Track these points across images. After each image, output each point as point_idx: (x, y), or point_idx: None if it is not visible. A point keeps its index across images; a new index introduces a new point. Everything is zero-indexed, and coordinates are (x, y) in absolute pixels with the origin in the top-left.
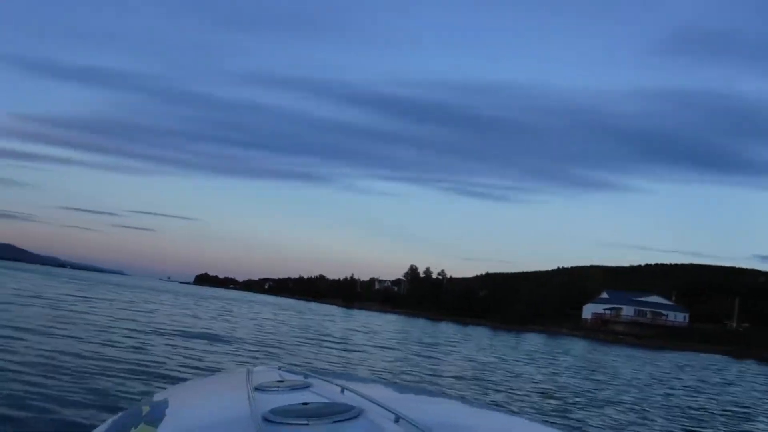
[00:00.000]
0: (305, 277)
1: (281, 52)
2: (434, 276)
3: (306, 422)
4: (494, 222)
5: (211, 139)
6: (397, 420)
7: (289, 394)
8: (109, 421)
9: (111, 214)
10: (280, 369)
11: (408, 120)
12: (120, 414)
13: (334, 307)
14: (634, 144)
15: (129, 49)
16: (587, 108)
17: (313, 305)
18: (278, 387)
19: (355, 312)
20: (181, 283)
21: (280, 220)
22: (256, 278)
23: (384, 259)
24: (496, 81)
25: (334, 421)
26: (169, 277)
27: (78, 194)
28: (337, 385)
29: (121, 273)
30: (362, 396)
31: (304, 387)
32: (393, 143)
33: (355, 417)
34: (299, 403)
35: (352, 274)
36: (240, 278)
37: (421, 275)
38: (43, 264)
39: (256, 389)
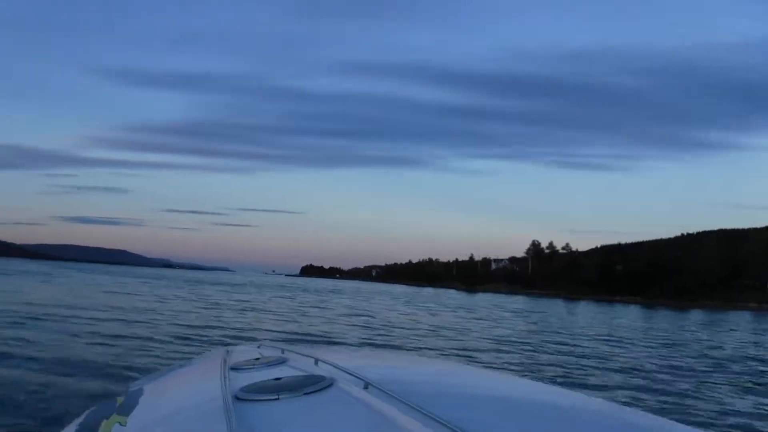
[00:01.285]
0: (414, 261)
1: (369, 37)
2: (559, 251)
3: (277, 397)
4: (600, 192)
5: (306, 132)
6: (366, 387)
7: (264, 370)
8: (83, 414)
9: (215, 213)
10: (259, 347)
11: (503, 95)
12: (94, 407)
13: (453, 291)
14: (751, 99)
15: (219, 51)
16: (693, 65)
17: (429, 290)
18: (254, 365)
19: (481, 296)
20: (286, 275)
21: (380, 207)
22: (362, 266)
23: (490, 237)
24: (593, 47)
25: (305, 393)
26: (273, 271)
27: (182, 197)
28: (311, 357)
29: (226, 270)
30: (335, 367)
31: (280, 362)
32: (489, 120)
33: (326, 388)
34: (272, 379)
35: (472, 255)
36: (345, 267)
37: (545, 251)
38: (154, 266)
39: (232, 368)
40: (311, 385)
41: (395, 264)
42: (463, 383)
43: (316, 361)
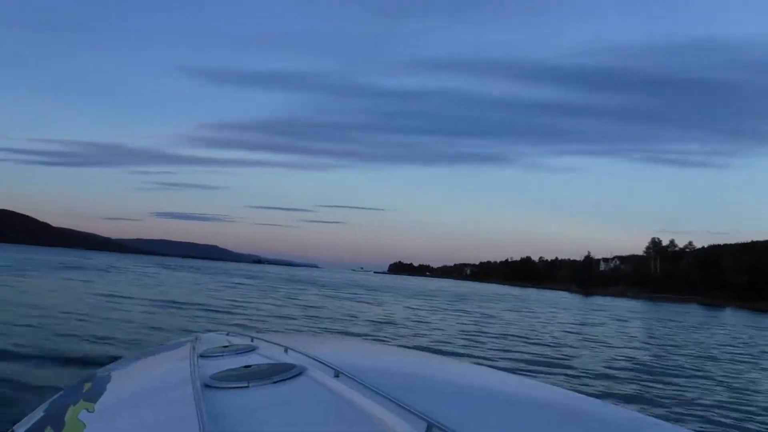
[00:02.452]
0: (506, 260)
1: (454, 34)
2: (677, 249)
3: (246, 385)
4: (695, 190)
5: (389, 129)
6: (337, 375)
7: (233, 357)
8: (49, 400)
9: (302, 210)
10: (228, 334)
11: (591, 90)
12: (60, 392)
13: (565, 293)
14: None
15: (305, 50)
16: None
17: (533, 292)
18: (223, 352)
19: (612, 302)
20: (375, 273)
21: (466, 204)
22: (451, 264)
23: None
24: (683, 40)
25: (275, 382)
26: (361, 268)
27: (270, 193)
28: (281, 345)
29: (314, 266)
30: (305, 355)
31: (249, 350)
32: (576, 116)
33: (296, 376)
34: (241, 366)
35: (589, 253)
36: (434, 265)
37: (669, 249)
38: (243, 261)
39: (201, 356)
40: (281, 372)
41: (488, 262)
42: (434, 373)
43: (286, 349)
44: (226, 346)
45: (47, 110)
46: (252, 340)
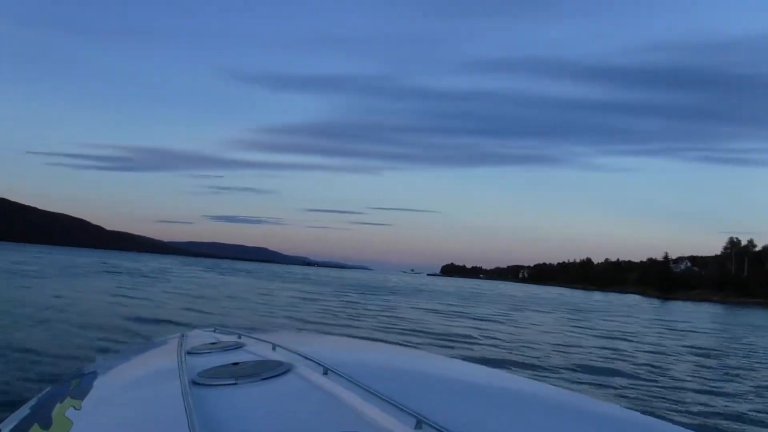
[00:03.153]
0: (568, 261)
1: (502, 33)
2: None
3: (235, 382)
4: (758, 189)
5: (439, 131)
6: (325, 372)
7: (220, 355)
8: (35, 397)
9: (351, 212)
10: (215, 331)
11: (645, 88)
12: (47, 389)
13: (637, 297)
14: None
15: (353, 53)
16: None
17: (599, 296)
18: (210, 349)
19: (692, 306)
20: (428, 275)
21: (519, 206)
22: (504, 266)
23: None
24: (746, 35)
25: (263, 379)
26: (412, 270)
27: (319, 196)
28: (269, 342)
29: (365, 268)
30: (293, 352)
31: (237, 347)
32: (631, 115)
33: (285, 373)
34: (230, 364)
35: (666, 253)
36: (486, 266)
37: (750, 250)
38: (292, 264)
39: (188, 353)
40: (269, 370)
41: (544, 264)
42: (424, 370)
43: (274, 346)
44: (214, 344)
45: (102, 116)
46: (239, 338)
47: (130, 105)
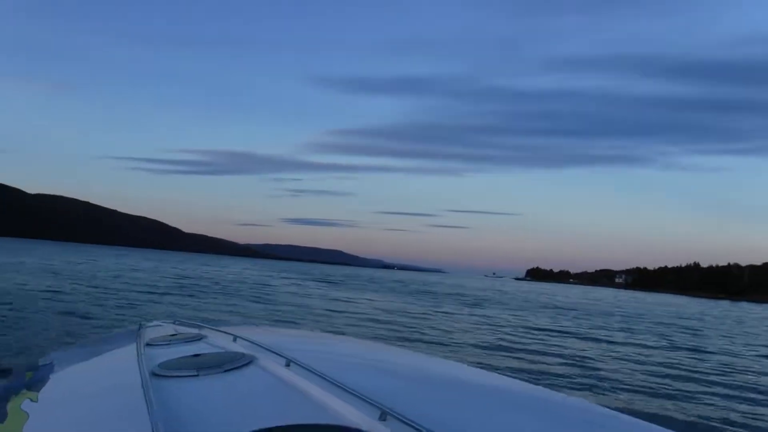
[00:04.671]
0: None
1: (587, 32)
2: None
3: (196, 373)
4: None
5: (519, 132)
6: (288, 364)
7: (180, 347)
8: None
9: (427, 215)
10: (174, 323)
11: (742, 84)
12: (1, 382)
13: None
14: None
15: (432, 55)
16: None
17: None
18: (170, 341)
19: None
20: (516, 279)
21: (602, 207)
22: (592, 270)
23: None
24: None
25: (225, 370)
26: (494, 273)
27: (395, 198)
28: (230, 334)
29: (439, 271)
30: (255, 344)
31: (197, 339)
32: (725, 112)
33: (246, 364)
34: (190, 355)
35: None
36: (574, 270)
37: None
38: (367, 267)
39: (147, 345)
40: (231, 361)
41: (644, 269)
42: (388, 363)
43: (235, 338)
44: (174, 335)
45: (182, 121)
46: (200, 329)
47: (210, 110)
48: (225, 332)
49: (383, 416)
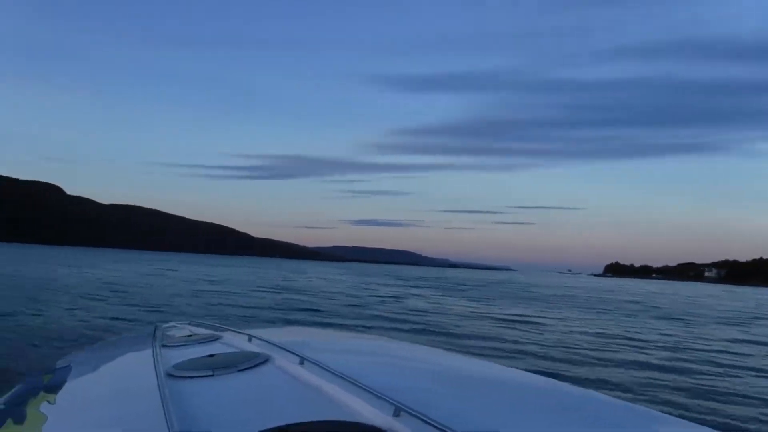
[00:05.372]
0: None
1: (646, 18)
2: None
3: (211, 373)
4: None
5: (583, 124)
6: (302, 362)
7: (196, 347)
8: (8, 393)
9: (491, 212)
10: (189, 324)
11: None
12: (19, 384)
13: None
14: None
15: (487, 49)
16: None
17: None
18: (186, 342)
19: None
20: (595, 275)
21: (672, 198)
22: (673, 263)
23: None
24: None
25: (240, 370)
26: (569, 270)
27: (459, 197)
28: (244, 334)
29: (507, 269)
30: (269, 343)
31: (213, 339)
32: None
33: (261, 364)
34: (206, 356)
35: None
36: (653, 264)
37: None
38: (434, 266)
39: (163, 346)
40: (246, 361)
41: (726, 261)
42: (402, 359)
43: (250, 338)
44: (189, 336)
45: (243, 127)
46: (215, 330)
47: (270, 114)
48: (240, 332)
49: (397, 412)
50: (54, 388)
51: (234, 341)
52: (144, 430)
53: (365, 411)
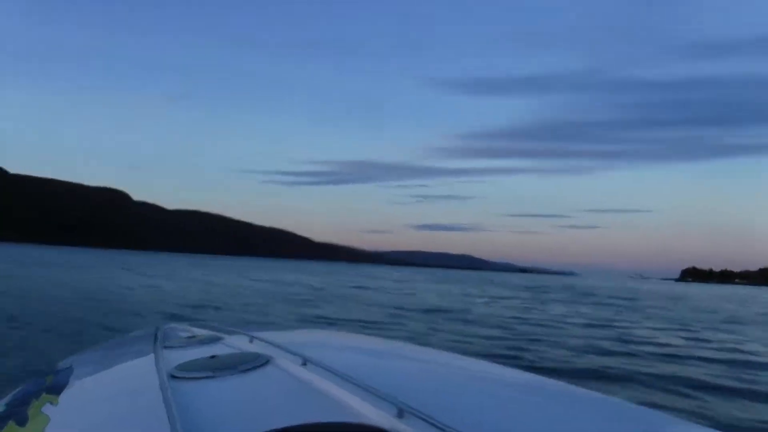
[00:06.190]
0: None
1: (721, 12)
2: None
3: (213, 374)
4: None
5: (652, 124)
6: (304, 363)
7: (198, 348)
8: (10, 394)
9: (557, 216)
10: (190, 325)
11: None
12: (22, 385)
13: None
14: None
15: (557, 49)
16: None
17: None
18: (187, 343)
19: None
20: (668, 280)
21: (750, 201)
22: (755, 268)
23: None
24: None
25: (241, 371)
26: (640, 275)
27: (523, 200)
28: (246, 335)
29: (571, 273)
30: (271, 344)
31: (214, 340)
32: None
33: (263, 365)
34: (207, 357)
35: None
36: (733, 268)
37: None
38: (498, 270)
39: (165, 347)
40: (248, 362)
41: None
42: (405, 360)
43: (251, 338)
44: (191, 337)
45: (309, 133)
46: (216, 331)
47: (335, 121)
48: (241, 333)
49: (401, 413)
50: (56, 389)
51: (235, 342)
52: (147, 431)
53: (368, 412)
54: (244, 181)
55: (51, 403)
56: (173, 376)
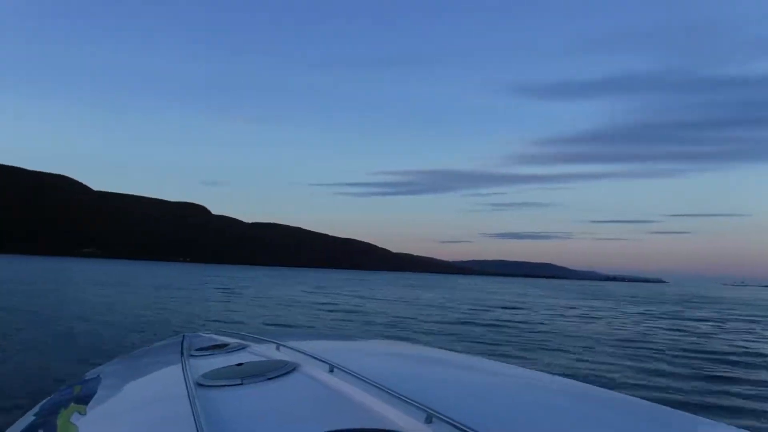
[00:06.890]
0: None
1: None
2: None
3: (240, 382)
4: None
5: (744, 123)
6: (331, 370)
7: (224, 356)
8: (39, 404)
9: (642, 221)
10: (217, 333)
11: None
12: (50, 396)
13: None
14: None
15: (637, 49)
16: None
17: None
18: (213, 351)
19: None
20: (762, 287)
21: None
22: None
23: None
24: None
25: (268, 378)
26: (743, 282)
27: (606, 206)
28: (273, 342)
29: (659, 281)
30: (298, 351)
31: (241, 348)
32: None
33: (290, 372)
34: (234, 364)
35: None
36: None
37: None
38: (580, 279)
39: (192, 355)
40: (275, 369)
41: None
42: (432, 365)
43: (278, 346)
44: (217, 345)
45: (383, 144)
46: (242, 339)
47: (409, 130)
48: (268, 341)
49: (429, 419)
50: (84, 398)
51: (262, 350)
52: None
53: (396, 418)
54: (320, 194)
55: (79, 413)
56: (200, 385)
